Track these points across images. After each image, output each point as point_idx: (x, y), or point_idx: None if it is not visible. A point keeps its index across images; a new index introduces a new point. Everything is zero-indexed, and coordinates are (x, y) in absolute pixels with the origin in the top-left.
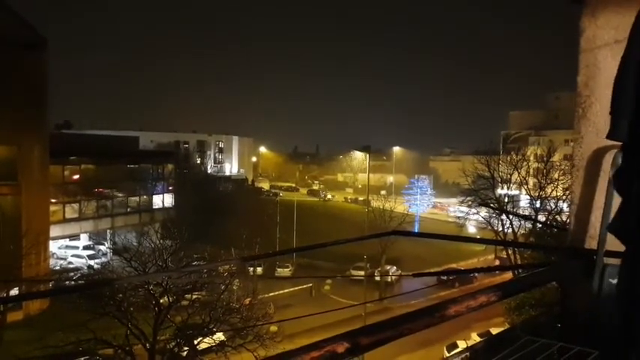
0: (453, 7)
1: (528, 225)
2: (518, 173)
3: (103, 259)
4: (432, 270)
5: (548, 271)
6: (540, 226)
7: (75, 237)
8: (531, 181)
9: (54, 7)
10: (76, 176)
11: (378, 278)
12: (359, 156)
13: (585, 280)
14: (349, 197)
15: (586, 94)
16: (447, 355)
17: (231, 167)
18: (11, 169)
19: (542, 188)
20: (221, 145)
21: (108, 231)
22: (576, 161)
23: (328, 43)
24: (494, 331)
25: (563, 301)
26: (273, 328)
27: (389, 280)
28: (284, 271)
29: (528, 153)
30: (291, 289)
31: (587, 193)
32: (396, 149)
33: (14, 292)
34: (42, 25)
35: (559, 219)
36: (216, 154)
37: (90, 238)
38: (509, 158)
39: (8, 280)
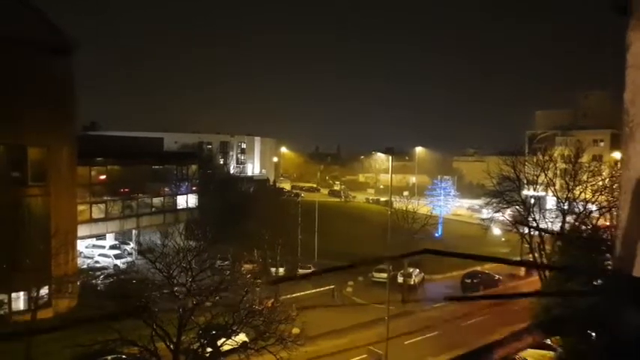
0: (477, 8)
1: (556, 227)
2: (545, 174)
3: (129, 259)
4: (458, 279)
5: (595, 302)
6: (568, 228)
7: (101, 236)
8: (558, 182)
9: (78, 8)
10: (103, 177)
11: (400, 280)
12: (381, 156)
13: (636, 309)
14: (371, 198)
15: (633, 112)
16: None
17: (253, 168)
18: (41, 171)
19: (570, 190)
20: (243, 145)
21: (133, 231)
22: (623, 183)
23: (350, 44)
24: None
25: (612, 330)
26: (296, 330)
27: (412, 282)
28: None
29: (555, 154)
30: (313, 291)
31: (635, 217)
32: (419, 149)
33: (44, 291)
34: (68, 27)
35: (588, 222)
36: (239, 155)
37: (116, 237)
38: (535, 159)
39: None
